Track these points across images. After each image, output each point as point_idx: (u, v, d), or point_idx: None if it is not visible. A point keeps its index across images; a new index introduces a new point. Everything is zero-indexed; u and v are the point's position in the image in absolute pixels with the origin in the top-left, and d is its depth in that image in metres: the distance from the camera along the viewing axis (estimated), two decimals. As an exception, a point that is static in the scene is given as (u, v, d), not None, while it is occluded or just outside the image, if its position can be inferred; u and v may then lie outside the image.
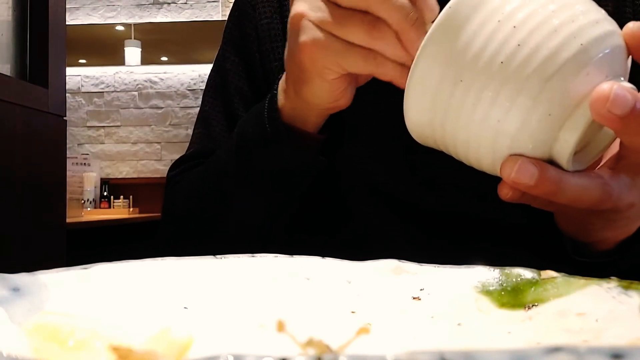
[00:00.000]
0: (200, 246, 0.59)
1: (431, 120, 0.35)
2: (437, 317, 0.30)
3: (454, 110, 0.34)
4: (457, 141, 0.35)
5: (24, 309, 0.24)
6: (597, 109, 0.31)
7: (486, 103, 0.32)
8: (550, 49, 0.31)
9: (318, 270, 0.33)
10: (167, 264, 0.32)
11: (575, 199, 0.34)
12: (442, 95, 0.34)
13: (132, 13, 4.14)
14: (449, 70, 0.33)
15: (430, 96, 0.34)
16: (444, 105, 0.34)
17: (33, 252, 1.40)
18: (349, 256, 0.35)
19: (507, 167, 0.33)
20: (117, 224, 2.99)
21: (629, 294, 0.26)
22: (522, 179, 0.33)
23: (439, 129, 0.35)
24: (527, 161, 0.33)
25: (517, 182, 0.33)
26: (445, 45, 0.33)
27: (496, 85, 0.32)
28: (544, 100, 0.32)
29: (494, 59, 0.32)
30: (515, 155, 0.33)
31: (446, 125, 0.35)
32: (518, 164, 0.33)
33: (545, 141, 0.33)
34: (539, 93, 0.31)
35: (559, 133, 0.33)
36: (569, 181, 0.34)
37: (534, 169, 0.33)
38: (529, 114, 0.32)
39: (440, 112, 0.34)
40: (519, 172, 0.33)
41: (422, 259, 0.34)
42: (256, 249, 0.35)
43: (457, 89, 0.33)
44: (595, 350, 0.13)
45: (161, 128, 4.16)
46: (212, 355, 0.13)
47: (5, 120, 1.32)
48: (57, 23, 1.54)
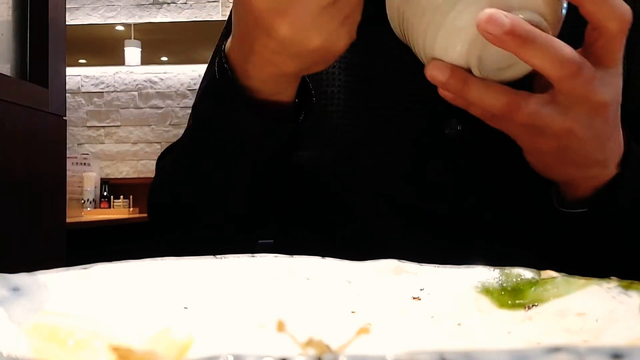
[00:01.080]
0: (191, 232, 0.59)
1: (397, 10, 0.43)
2: (437, 317, 0.30)
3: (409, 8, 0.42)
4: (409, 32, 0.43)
5: (24, 309, 0.24)
6: (479, 28, 0.37)
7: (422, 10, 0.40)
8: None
9: (318, 270, 0.33)
10: (167, 264, 0.32)
11: (480, 99, 0.40)
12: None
13: (132, 13, 4.14)
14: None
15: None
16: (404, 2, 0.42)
17: (33, 252, 1.40)
18: (350, 256, 0.35)
19: (427, 66, 0.41)
20: (117, 224, 2.99)
21: (629, 294, 0.26)
22: (437, 76, 0.41)
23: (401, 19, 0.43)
24: (441, 63, 0.41)
25: (432, 77, 0.41)
26: None
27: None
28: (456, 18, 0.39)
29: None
30: (436, 60, 0.41)
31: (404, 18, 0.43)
32: (434, 63, 0.41)
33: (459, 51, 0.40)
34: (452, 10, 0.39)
35: (468, 46, 0.40)
36: (475, 82, 0.40)
37: (446, 68, 0.40)
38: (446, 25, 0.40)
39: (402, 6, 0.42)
40: (434, 69, 0.41)
41: (422, 259, 0.34)
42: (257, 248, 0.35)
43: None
44: (595, 350, 0.13)
45: (161, 128, 4.16)
46: (212, 355, 0.13)
47: (5, 120, 1.32)
48: (57, 23, 1.54)
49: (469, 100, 0.41)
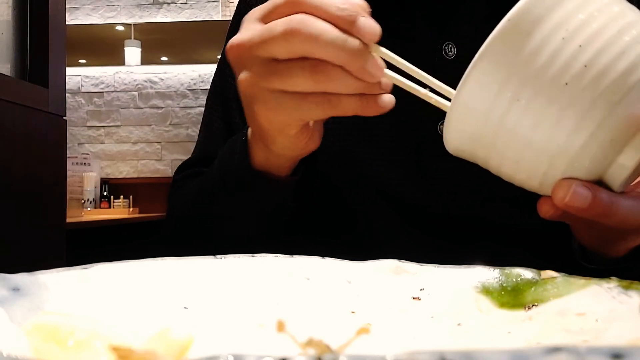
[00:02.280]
0: (200, 247, 0.60)
1: (477, 136, 0.34)
2: (437, 317, 0.30)
3: (507, 129, 0.32)
4: (505, 160, 0.34)
5: (24, 309, 0.24)
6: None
7: (547, 125, 0.31)
8: (618, 72, 0.30)
9: (318, 270, 0.33)
10: (167, 264, 0.32)
11: (624, 221, 0.35)
12: (495, 113, 0.32)
13: (132, 13, 4.14)
14: (506, 88, 0.31)
15: (480, 113, 0.32)
16: (496, 123, 0.32)
17: (33, 252, 1.40)
18: (351, 256, 0.34)
19: (560, 191, 0.33)
20: (117, 224, 2.99)
21: (629, 294, 0.26)
22: (576, 202, 0.33)
23: (484, 146, 0.34)
24: (580, 185, 0.33)
25: (571, 205, 0.33)
26: (503, 60, 0.31)
27: (559, 106, 0.30)
28: (608, 125, 0.31)
29: (557, 79, 0.30)
30: (568, 179, 0.33)
31: (496, 143, 0.33)
32: (572, 188, 0.33)
33: (601, 164, 0.32)
34: (604, 118, 0.30)
35: (617, 157, 0.32)
36: (621, 204, 0.34)
37: (588, 192, 0.33)
38: (591, 138, 0.31)
39: (490, 130, 0.33)
40: (573, 196, 0.33)
41: (423, 259, 0.34)
42: (257, 248, 0.35)
43: (513, 107, 0.31)
44: (595, 350, 0.13)
45: (161, 128, 4.16)
46: (212, 355, 0.13)
47: (5, 120, 1.32)
48: (57, 23, 1.54)
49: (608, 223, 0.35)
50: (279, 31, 0.36)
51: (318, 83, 0.37)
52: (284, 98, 0.39)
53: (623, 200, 0.34)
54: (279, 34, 0.36)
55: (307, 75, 0.37)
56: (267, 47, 0.37)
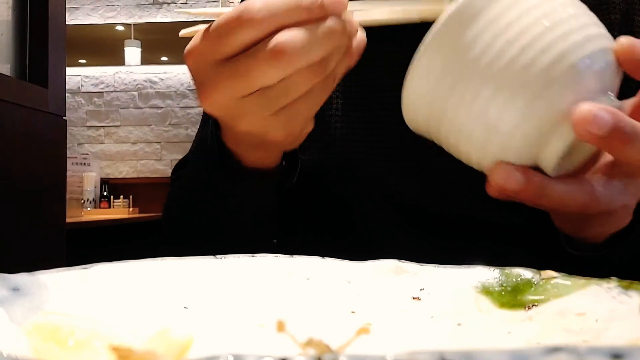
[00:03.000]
0: (199, 246, 0.60)
1: (428, 110, 0.36)
2: (437, 317, 0.30)
3: (451, 108, 0.35)
4: (450, 137, 0.36)
5: (24, 309, 0.24)
6: (578, 128, 0.32)
7: (480, 107, 0.34)
8: (541, 67, 0.33)
9: (318, 270, 0.33)
10: (167, 264, 0.32)
11: (560, 204, 0.36)
12: (440, 93, 0.35)
13: (132, 13, 4.14)
14: (449, 70, 0.34)
15: (430, 87, 0.35)
16: (441, 102, 0.35)
17: (33, 252, 1.40)
18: (351, 256, 0.35)
19: (494, 174, 0.35)
20: (117, 224, 2.99)
21: (629, 294, 0.26)
22: (509, 185, 0.34)
23: (435, 120, 0.36)
24: (513, 169, 0.34)
25: (504, 187, 0.35)
26: (446, 46, 0.34)
27: (490, 92, 0.33)
28: (534, 112, 0.33)
29: (492, 64, 0.33)
30: (503, 162, 0.35)
31: (442, 121, 0.36)
32: (505, 171, 0.34)
33: (532, 148, 0.34)
34: (529, 104, 0.33)
35: (546, 144, 0.34)
36: (553, 187, 0.35)
37: (520, 176, 0.34)
38: (520, 121, 0.33)
39: (438, 104, 0.35)
40: (506, 179, 0.34)
41: (423, 259, 0.34)
42: (256, 246, 0.35)
43: (455, 89, 0.34)
44: (595, 350, 0.13)
45: (161, 128, 4.16)
46: (212, 355, 0.13)
47: (5, 120, 1.32)
48: (57, 23, 1.54)
49: (543, 206, 0.36)
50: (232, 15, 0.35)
51: (282, 69, 0.35)
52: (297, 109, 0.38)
53: (556, 183, 0.35)
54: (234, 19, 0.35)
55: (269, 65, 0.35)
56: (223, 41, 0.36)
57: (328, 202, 0.59)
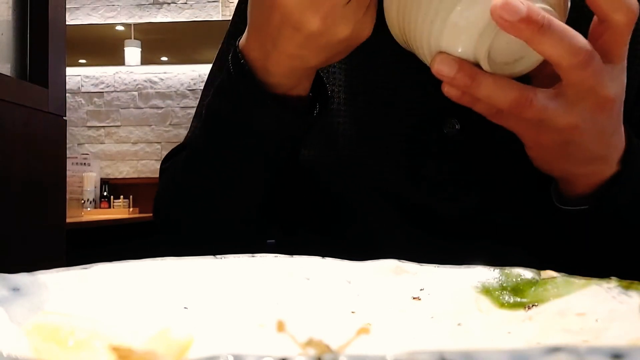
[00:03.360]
0: (196, 233, 0.59)
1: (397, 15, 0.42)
2: (437, 317, 0.30)
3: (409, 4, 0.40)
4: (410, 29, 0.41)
5: (24, 309, 0.24)
6: (494, 14, 0.35)
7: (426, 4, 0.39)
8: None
9: (318, 270, 0.33)
10: (167, 264, 0.32)
11: (490, 95, 0.39)
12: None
13: (132, 13, 4.14)
14: None
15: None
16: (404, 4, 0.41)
17: (33, 252, 1.40)
18: (351, 255, 0.35)
19: (433, 61, 0.39)
20: (117, 224, 2.99)
21: (629, 294, 0.26)
22: (443, 70, 0.39)
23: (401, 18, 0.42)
24: (448, 57, 0.39)
25: (439, 72, 0.39)
26: None
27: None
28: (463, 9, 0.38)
29: None
30: (443, 52, 0.40)
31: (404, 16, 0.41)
32: (441, 57, 0.39)
33: (467, 44, 0.39)
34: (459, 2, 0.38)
35: (477, 38, 0.38)
36: (485, 78, 0.39)
37: (454, 63, 0.39)
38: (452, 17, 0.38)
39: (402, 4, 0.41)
40: (441, 64, 0.39)
41: (423, 258, 0.34)
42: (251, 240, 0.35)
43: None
44: (595, 350, 0.13)
45: (161, 128, 4.16)
46: (212, 355, 0.13)
47: (5, 120, 1.32)
48: (57, 23, 1.54)
49: (477, 96, 0.39)
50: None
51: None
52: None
53: (488, 75, 0.39)
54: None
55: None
56: None
57: (328, 200, 0.59)
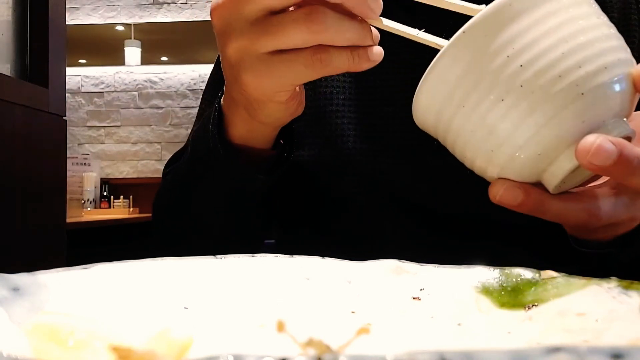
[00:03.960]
0: (184, 242, 0.60)
1: (439, 112, 0.36)
2: (437, 317, 0.30)
3: (464, 111, 0.35)
4: (459, 139, 0.36)
5: (24, 309, 0.24)
6: (581, 158, 0.33)
7: (497, 116, 0.33)
8: (568, 83, 0.32)
9: (318, 270, 0.33)
10: (167, 264, 0.32)
11: (559, 219, 0.37)
12: (457, 94, 0.34)
13: (132, 13, 4.14)
14: (471, 73, 0.34)
15: (446, 90, 0.35)
16: (456, 103, 0.35)
17: (33, 252, 1.40)
18: (351, 255, 0.35)
19: (494, 189, 0.36)
20: (117, 224, 2.99)
21: (629, 294, 0.26)
22: (506, 201, 0.36)
23: (444, 122, 0.36)
24: (512, 186, 0.35)
25: (502, 203, 0.36)
26: (474, 47, 0.33)
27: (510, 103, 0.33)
28: (546, 131, 0.33)
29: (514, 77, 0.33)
30: (502, 179, 0.36)
31: (453, 122, 0.36)
32: (504, 188, 0.35)
33: (538, 164, 0.35)
34: (543, 122, 0.33)
35: (551, 163, 0.34)
36: (552, 205, 0.36)
37: (519, 192, 0.35)
38: (531, 138, 0.33)
39: (451, 108, 0.35)
40: (504, 195, 0.35)
41: (423, 257, 0.34)
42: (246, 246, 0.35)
43: (473, 92, 0.34)
44: (595, 350, 0.13)
45: (161, 128, 4.16)
46: (212, 355, 0.13)
47: (5, 120, 1.32)
48: (57, 23, 1.54)
49: (543, 218, 0.37)
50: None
51: (313, 34, 0.37)
52: (274, 62, 0.38)
53: (555, 201, 0.36)
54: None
55: (302, 27, 0.36)
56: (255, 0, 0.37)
57: (328, 199, 0.59)
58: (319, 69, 0.38)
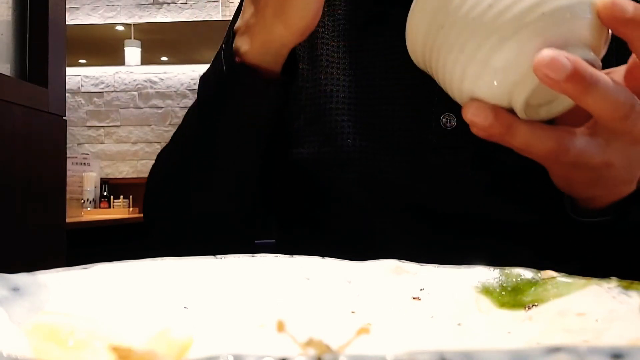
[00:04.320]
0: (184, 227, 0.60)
1: (423, 44, 0.39)
2: (437, 317, 0.30)
3: (440, 41, 0.38)
4: (438, 68, 0.39)
5: (24, 309, 0.24)
6: (537, 71, 0.33)
7: (463, 42, 0.36)
8: (516, 12, 0.34)
9: (318, 270, 0.33)
10: (167, 264, 0.32)
11: (526, 144, 0.37)
12: (434, 26, 0.38)
13: (132, 13, 4.14)
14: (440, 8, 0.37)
15: (425, 24, 0.38)
16: (434, 34, 0.38)
17: (33, 252, 1.40)
18: (351, 254, 0.35)
19: (466, 109, 0.37)
20: (117, 224, 2.99)
21: (629, 294, 0.26)
22: (477, 120, 0.37)
23: (427, 54, 0.39)
24: (483, 106, 0.37)
25: (473, 122, 0.37)
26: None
27: (466, 37, 0.36)
28: (502, 56, 0.35)
29: (472, 9, 0.36)
30: (475, 100, 0.37)
31: (433, 52, 0.39)
32: (476, 107, 0.37)
33: (503, 88, 0.36)
34: (498, 48, 0.35)
35: (515, 86, 0.36)
36: (520, 127, 0.37)
37: (489, 112, 0.36)
38: (490, 63, 0.36)
39: (430, 39, 0.38)
40: (475, 114, 0.37)
41: (423, 255, 0.34)
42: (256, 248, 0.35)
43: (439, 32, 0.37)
44: (595, 350, 0.13)
45: (161, 128, 4.16)
46: (212, 355, 0.13)
47: (5, 120, 1.32)
48: (57, 23, 1.54)
49: (511, 144, 0.38)
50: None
51: None
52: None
53: (523, 124, 0.37)
54: None
55: None
56: None
57: (327, 198, 0.59)
58: None
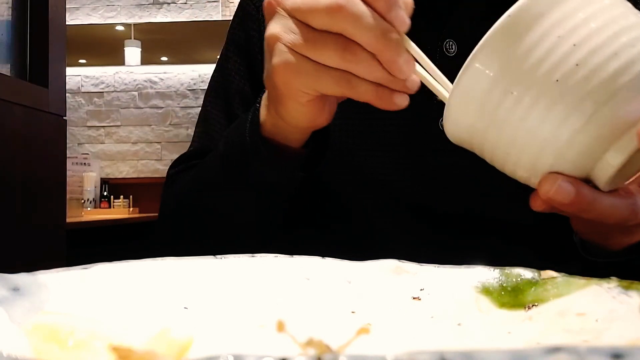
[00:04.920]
0: (196, 244, 0.60)
1: (473, 125, 0.35)
2: (437, 317, 0.30)
3: (499, 120, 0.33)
4: (497, 149, 0.35)
5: (24, 309, 0.24)
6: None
7: (536, 118, 0.32)
8: (608, 73, 0.31)
9: (318, 270, 0.33)
10: (167, 264, 0.32)
11: (604, 217, 0.35)
12: (489, 104, 0.33)
13: (132, 13, 4.13)
14: (501, 80, 0.32)
15: (476, 103, 0.34)
16: (490, 113, 0.33)
17: (33, 252, 1.40)
18: (352, 254, 0.35)
19: (545, 185, 0.34)
20: (117, 224, 2.99)
21: (629, 294, 0.26)
22: (559, 197, 0.34)
23: (479, 135, 0.35)
24: (565, 181, 0.34)
25: (554, 200, 0.34)
26: (500, 54, 0.32)
27: (548, 101, 0.31)
28: (594, 123, 0.31)
29: (549, 75, 0.31)
30: (554, 173, 0.34)
31: (489, 133, 0.34)
32: (557, 184, 0.34)
33: (588, 161, 0.33)
34: (590, 116, 0.31)
35: (603, 155, 0.33)
36: (602, 201, 0.35)
37: (571, 188, 0.34)
38: (578, 134, 0.32)
39: (484, 120, 0.34)
40: (557, 191, 0.34)
41: (425, 256, 0.34)
42: (254, 247, 0.35)
43: (506, 99, 0.32)
44: (595, 350, 0.13)
45: (161, 128, 4.16)
46: (212, 355, 0.13)
47: (5, 120, 1.32)
48: (57, 23, 1.54)
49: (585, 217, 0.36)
50: (324, 4, 0.36)
51: (345, 62, 0.37)
52: (306, 64, 0.39)
53: (605, 197, 0.35)
54: (324, 7, 0.36)
55: (339, 52, 0.37)
56: (307, 15, 0.37)
57: (328, 198, 0.59)
58: (344, 89, 0.39)
